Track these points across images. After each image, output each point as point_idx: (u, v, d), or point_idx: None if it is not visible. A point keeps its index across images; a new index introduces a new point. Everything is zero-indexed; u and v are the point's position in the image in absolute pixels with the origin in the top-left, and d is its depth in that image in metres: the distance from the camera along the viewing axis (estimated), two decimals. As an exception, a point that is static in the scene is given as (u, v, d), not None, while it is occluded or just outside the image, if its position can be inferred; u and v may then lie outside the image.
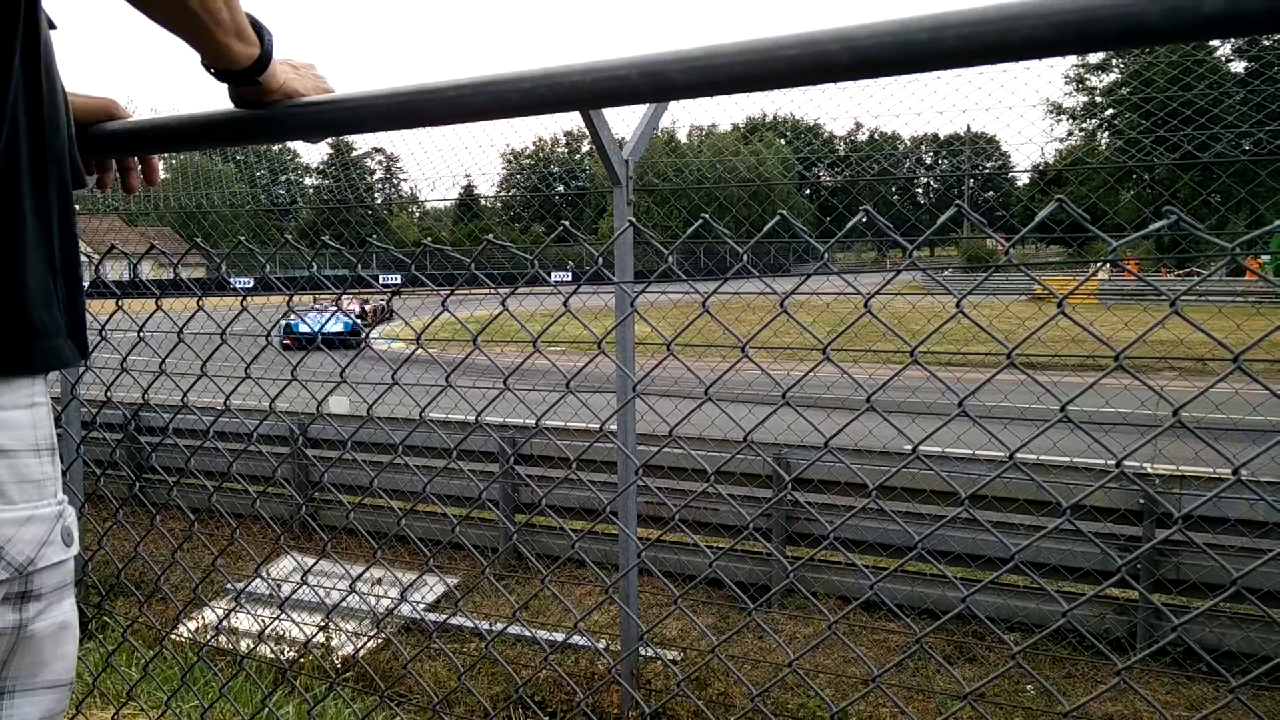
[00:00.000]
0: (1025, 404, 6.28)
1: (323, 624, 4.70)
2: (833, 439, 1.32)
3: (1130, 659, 1.13)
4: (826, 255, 1.31)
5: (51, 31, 0.95)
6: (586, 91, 1.01)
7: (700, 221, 1.38)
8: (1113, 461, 1.12)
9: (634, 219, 1.72)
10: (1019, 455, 1.22)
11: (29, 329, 0.87)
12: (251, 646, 4.98)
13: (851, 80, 0.90)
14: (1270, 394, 1.19)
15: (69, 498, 0.94)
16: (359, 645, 5.21)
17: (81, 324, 0.99)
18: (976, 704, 1.31)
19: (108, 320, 1.98)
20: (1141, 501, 5.06)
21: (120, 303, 2.03)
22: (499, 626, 5.61)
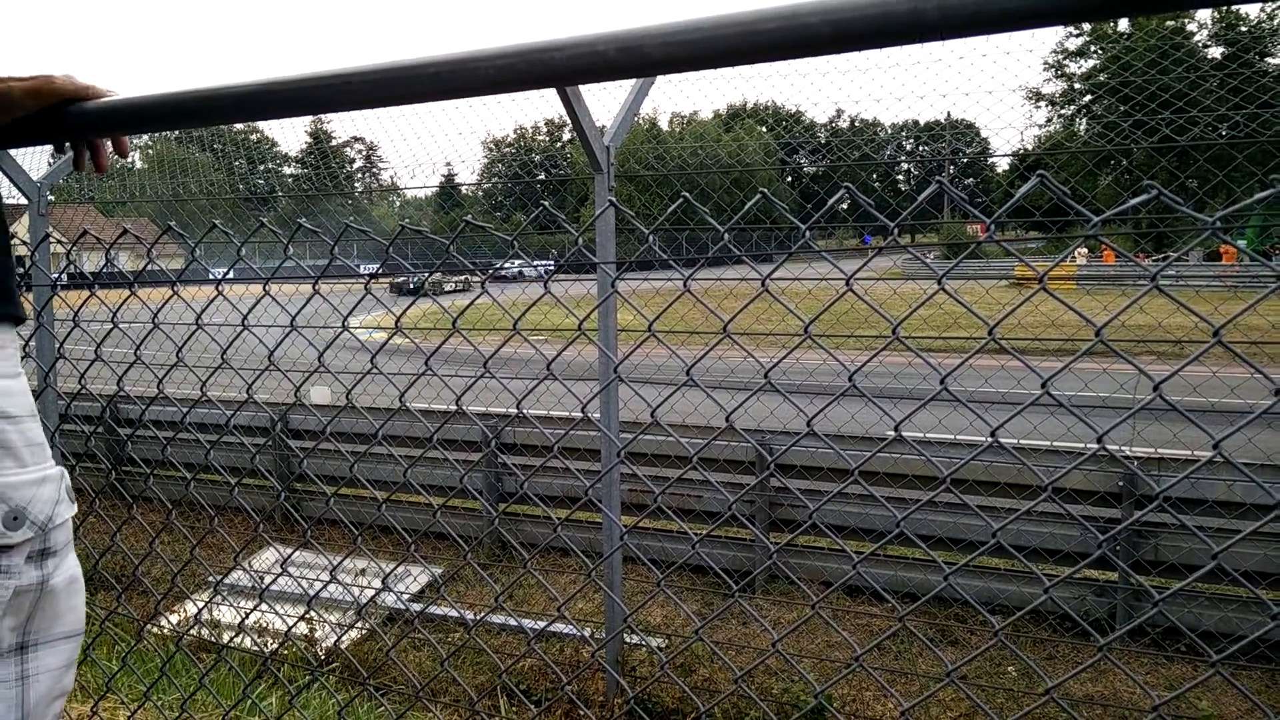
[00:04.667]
0: (1006, 388, 6.33)
1: (305, 614, 4.67)
2: (814, 419, 1.31)
3: (1110, 639, 1.14)
4: (807, 236, 1.31)
5: None
6: (564, 68, 1.00)
7: (681, 202, 1.37)
8: (1092, 446, 1.12)
9: (613, 200, 1.70)
10: (999, 439, 1.22)
11: (9, 276, 0.89)
12: (233, 638, 4.95)
13: (833, 53, 0.89)
14: (1248, 374, 1.20)
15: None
16: (341, 635, 5.19)
17: (10, 284, 0.97)
18: (959, 683, 1.31)
19: (79, 307, 1.95)
20: (1120, 484, 5.11)
21: (94, 291, 1.99)
22: (483, 615, 5.61)
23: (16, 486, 0.81)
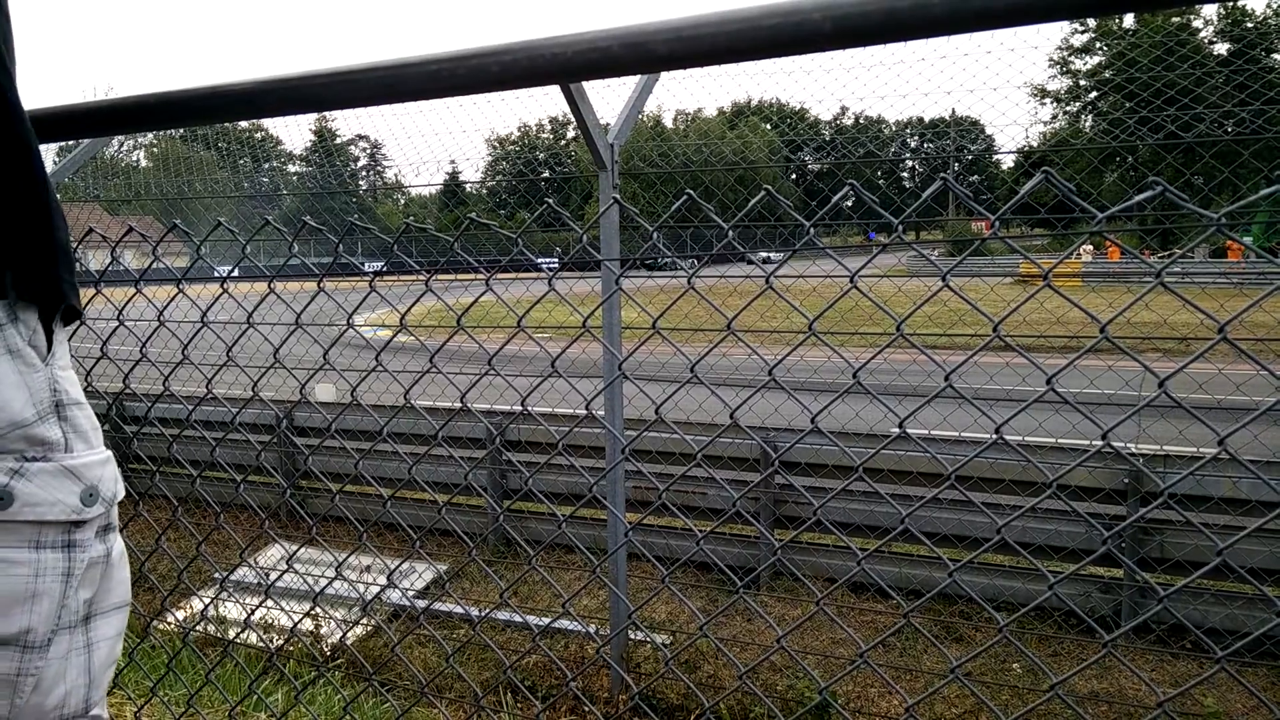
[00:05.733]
0: (1010, 385, 6.33)
1: (310, 610, 4.68)
2: (818, 416, 1.31)
3: (1115, 636, 1.14)
4: (811, 233, 1.30)
5: None
6: (567, 64, 1.00)
7: (685, 199, 1.37)
8: (1097, 442, 1.12)
9: (618, 197, 1.70)
10: (1004, 435, 1.21)
11: (72, 271, 0.90)
12: (238, 633, 4.97)
13: (835, 49, 0.88)
14: (1253, 371, 1.19)
15: None
16: (346, 631, 5.20)
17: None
18: (964, 680, 1.31)
19: (85, 305, 1.95)
20: (1126, 481, 5.10)
21: (100, 289, 2.00)
22: (488, 611, 5.62)
23: (90, 466, 0.88)
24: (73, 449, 0.87)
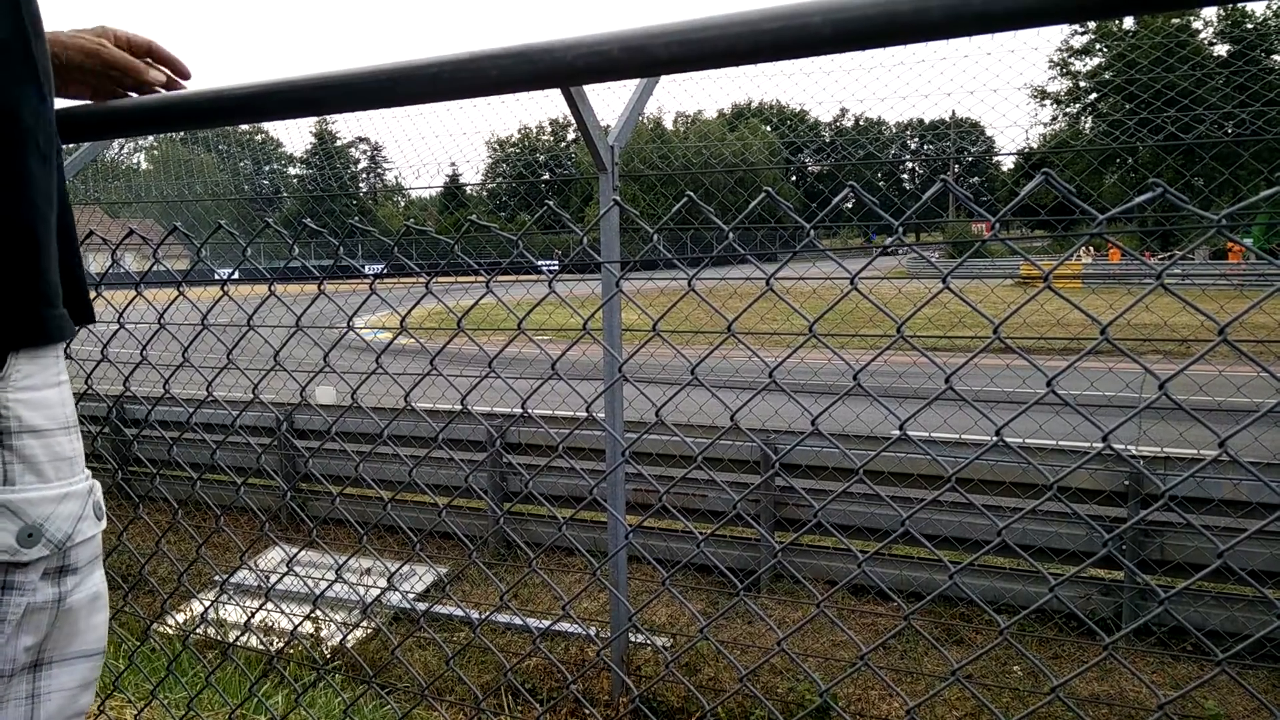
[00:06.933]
0: (1011, 387, 6.33)
1: (310, 613, 4.68)
2: (819, 419, 1.31)
3: (1116, 638, 1.14)
4: (812, 235, 1.31)
5: None
6: (568, 67, 1.00)
7: (686, 201, 1.37)
8: (1097, 444, 1.12)
9: (618, 199, 1.71)
10: (1004, 437, 1.21)
11: (46, 297, 0.83)
12: (239, 636, 4.96)
13: (835, 53, 0.89)
14: (1254, 373, 1.19)
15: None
16: (346, 634, 5.20)
17: (81, 287, 0.94)
18: (964, 682, 1.31)
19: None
20: (1126, 483, 5.10)
21: (100, 291, 2.00)
22: (488, 613, 5.61)
23: (34, 503, 0.80)
24: (14, 482, 0.78)
